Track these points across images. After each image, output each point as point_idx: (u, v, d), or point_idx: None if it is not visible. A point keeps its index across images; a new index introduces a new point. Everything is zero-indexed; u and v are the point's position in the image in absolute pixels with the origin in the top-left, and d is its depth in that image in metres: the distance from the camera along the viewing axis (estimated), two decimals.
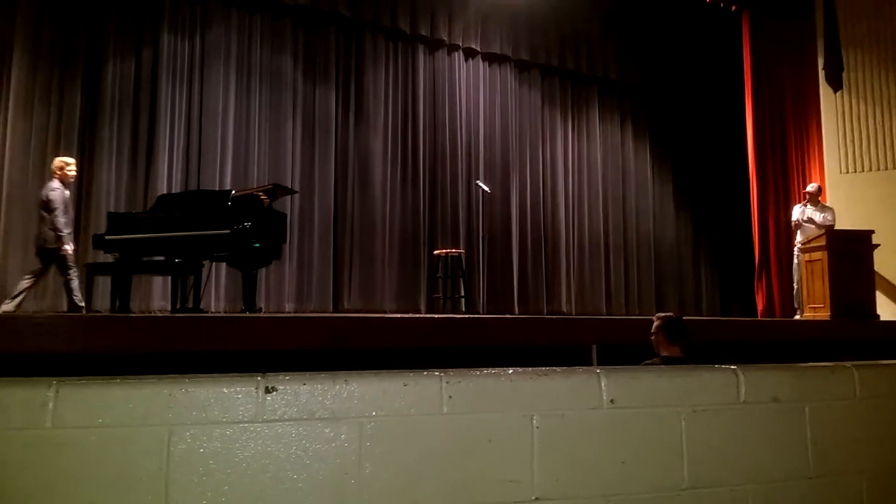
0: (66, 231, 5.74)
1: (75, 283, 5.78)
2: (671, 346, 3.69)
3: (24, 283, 5.85)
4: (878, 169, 8.62)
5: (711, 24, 10.14)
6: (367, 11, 8.71)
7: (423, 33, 9.15)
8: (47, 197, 5.79)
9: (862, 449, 1.55)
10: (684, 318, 3.94)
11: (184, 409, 1.13)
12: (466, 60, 9.64)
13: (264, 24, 8.24)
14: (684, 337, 3.70)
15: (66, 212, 5.81)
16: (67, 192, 5.94)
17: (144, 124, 7.44)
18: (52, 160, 6.81)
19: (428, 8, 9.19)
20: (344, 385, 1.20)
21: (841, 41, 8.91)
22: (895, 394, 1.62)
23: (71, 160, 6.10)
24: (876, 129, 8.69)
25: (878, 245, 7.28)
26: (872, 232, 7.26)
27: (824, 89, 9.08)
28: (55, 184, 5.86)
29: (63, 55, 7.08)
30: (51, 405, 1.10)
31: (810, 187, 8.22)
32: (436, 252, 8.12)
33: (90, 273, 5.65)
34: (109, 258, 5.87)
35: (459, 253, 7.89)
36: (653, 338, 3.77)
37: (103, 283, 6.18)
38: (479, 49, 9.61)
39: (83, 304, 5.87)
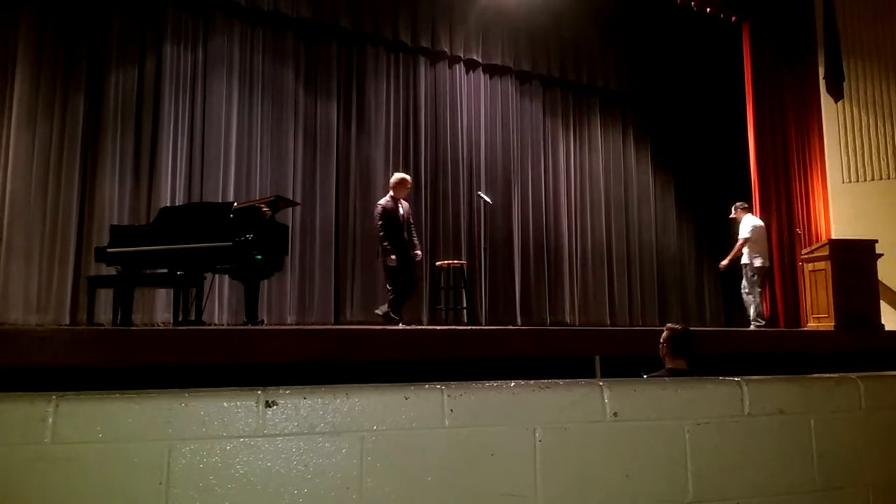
0: (387, 245, 6.32)
1: (397, 298, 6.41)
2: (675, 359, 3.68)
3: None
4: (881, 178, 8.62)
5: (712, 35, 10.18)
6: (369, 24, 8.76)
7: (425, 45, 9.20)
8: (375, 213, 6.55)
9: (868, 461, 1.54)
10: (689, 328, 3.92)
11: (184, 423, 1.12)
12: (468, 72, 9.67)
13: (266, 36, 8.29)
14: (689, 351, 3.69)
15: (392, 226, 6.37)
16: (398, 206, 6.48)
17: (147, 136, 7.47)
18: (55, 171, 6.88)
19: (429, 20, 9.23)
20: (345, 399, 1.19)
21: (841, 51, 8.94)
22: None
23: (400, 175, 6.67)
24: (878, 139, 8.70)
25: (882, 255, 7.26)
26: (876, 241, 7.24)
27: (825, 99, 9.10)
28: (383, 199, 6.51)
29: (66, 67, 7.11)
30: (50, 420, 1.09)
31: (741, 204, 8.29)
32: (438, 263, 8.11)
33: (92, 286, 5.66)
34: (112, 271, 5.87)
35: (461, 264, 7.88)
36: (661, 348, 3.76)
37: (106, 296, 6.19)
38: (480, 60, 9.64)
39: (397, 319, 6.38)
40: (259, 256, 5.38)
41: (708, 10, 9.39)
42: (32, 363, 3.64)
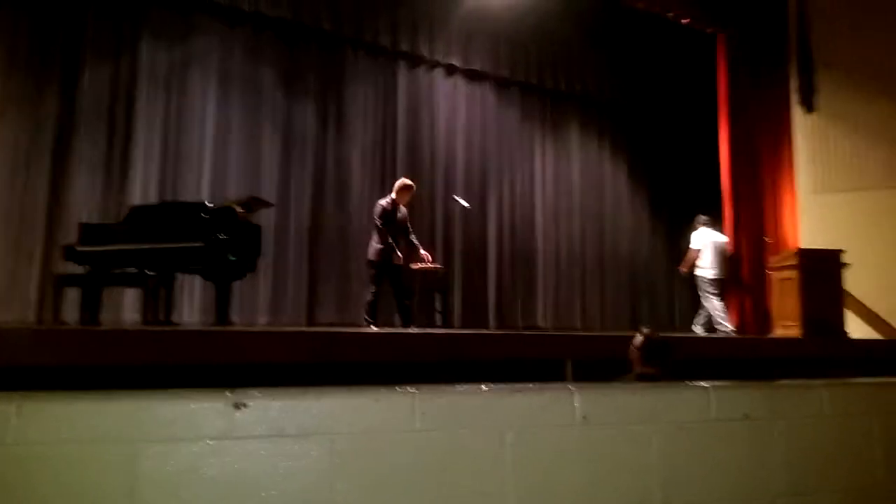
0: (390, 241, 6.36)
1: (376, 301, 6.40)
2: (645, 367, 3.69)
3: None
4: (849, 190, 8.79)
5: (688, 45, 10.31)
6: (349, 27, 8.72)
7: (405, 49, 9.19)
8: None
9: (833, 466, 1.57)
10: (659, 334, 3.95)
11: (150, 425, 1.11)
12: (446, 77, 9.69)
13: (245, 36, 8.22)
14: (662, 361, 3.70)
15: (389, 226, 6.40)
16: (397, 210, 6.52)
17: (120, 134, 7.36)
18: (23, 168, 6.75)
19: (409, 24, 9.23)
20: (314, 401, 1.19)
21: (814, 64, 9.11)
22: (864, 412, 1.64)
23: (407, 182, 6.73)
24: (847, 151, 8.87)
25: (849, 265, 7.40)
26: (842, 251, 7.39)
27: (797, 110, 9.26)
28: (383, 200, 6.56)
29: (39, 63, 6.98)
30: (13, 421, 1.07)
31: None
32: (412, 266, 8.09)
33: (59, 285, 5.56)
34: (80, 269, 5.77)
35: (436, 268, 7.87)
36: (631, 352, 3.77)
37: (73, 295, 6.07)
38: (459, 66, 9.66)
39: (370, 321, 6.38)
40: (232, 257, 5.33)
41: (684, 21, 9.52)
42: None
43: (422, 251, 6.80)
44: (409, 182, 6.77)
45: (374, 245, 6.45)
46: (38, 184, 6.84)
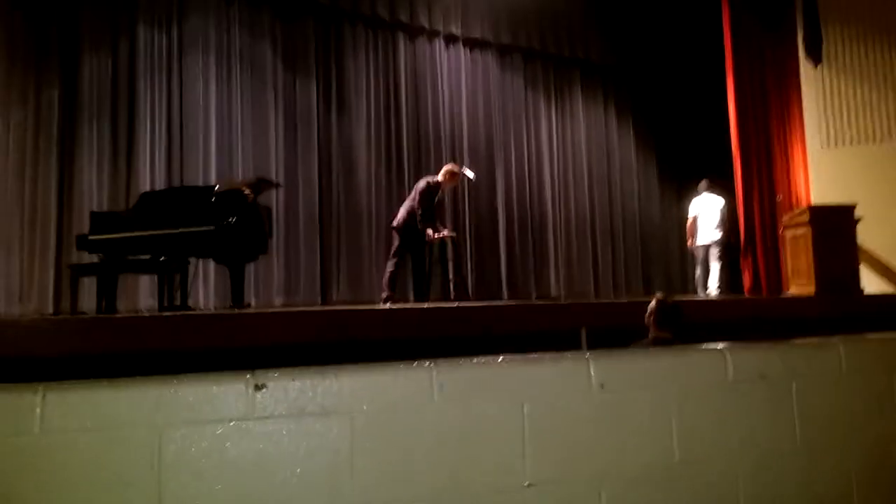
0: (409, 216, 6.54)
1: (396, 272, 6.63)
2: (660, 331, 3.71)
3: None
4: (859, 143, 8.68)
5: (691, 3, 10.14)
6: None
7: (403, 20, 9.08)
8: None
9: (849, 423, 1.57)
10: (677, 302, 3.95)
11: (173, 409, 1.12)
12: (447, 46, 9.59)
13: (242, 14, 8.15)
14: (675, 324, 3.71)
15: (430, 203, 6.60)
16: (439, 191, 6.73)
17: (124, 120, 7.36)
18: (30, 159, 6.77)
19: None
20: (334, 379, 1.20)
21: (820, 15, 8.94)
22: (880, 368, 1.64)
23: (454, 168, 6.95)
24: (856, 103, 8.74)
25: (861, 218, 7.33)
26: (855, 206, 7.31)
27: (804, 64, 9.12)
28: (431, 178, 6.76)
29: (38, 52, 6.96)
30: (38, 410, 1.09)
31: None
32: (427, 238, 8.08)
33: (75, 274, 5.61)
34: (94, 258, 5.82)
35: (450, 236, 7.85)
36: (647, 318, 3.79)
37: (89, 284, 6.13)
38: (459, 35, 9.55)
39: (387, 295, 6.57)
40: (243, 240, 5.35)
41: None
42: (17, 353, 3.61)
43: (445, 231, 6.96)
44: (455, 169, 6.97)
45: (402, 214, 6.64)
46: (47, 175, 6.87)
